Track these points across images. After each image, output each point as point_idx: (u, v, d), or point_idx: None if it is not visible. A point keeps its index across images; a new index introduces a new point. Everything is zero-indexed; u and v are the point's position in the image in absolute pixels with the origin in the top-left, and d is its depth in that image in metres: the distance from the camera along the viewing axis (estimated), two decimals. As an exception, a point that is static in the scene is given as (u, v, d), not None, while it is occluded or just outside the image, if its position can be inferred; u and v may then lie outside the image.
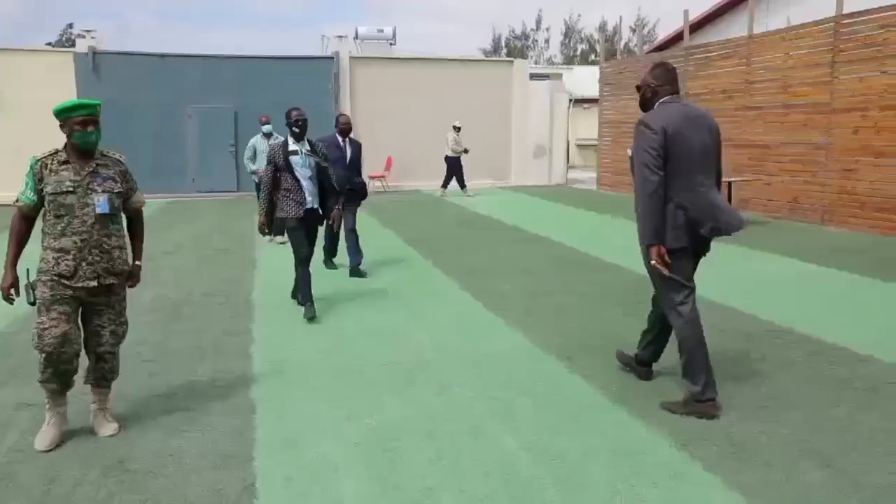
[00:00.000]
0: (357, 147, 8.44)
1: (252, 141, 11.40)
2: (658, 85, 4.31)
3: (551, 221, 13.07)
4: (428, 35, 72.93)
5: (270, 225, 6.57)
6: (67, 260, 3.80)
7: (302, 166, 6.43)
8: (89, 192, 3.85)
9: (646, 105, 4.38)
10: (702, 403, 4.15)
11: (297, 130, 6.43)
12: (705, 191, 4.17)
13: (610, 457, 3.68)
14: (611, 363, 5.04)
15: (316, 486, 3.43)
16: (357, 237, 8.43)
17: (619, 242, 10.27)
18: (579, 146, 29.78)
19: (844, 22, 11.50)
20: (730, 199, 12.13)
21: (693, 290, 4.27)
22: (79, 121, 3.81)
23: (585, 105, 28.47)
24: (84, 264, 3.82)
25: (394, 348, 5.60)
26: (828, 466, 3.51)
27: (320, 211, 6.65)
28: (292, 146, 6.45)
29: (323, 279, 6.22)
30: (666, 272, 4.11)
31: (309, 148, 6.53)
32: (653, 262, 4.10)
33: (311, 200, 6.47)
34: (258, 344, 5.77)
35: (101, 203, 3.87)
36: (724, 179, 11.99)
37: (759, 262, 8.96)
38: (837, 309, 6.57)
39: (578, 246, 10.19)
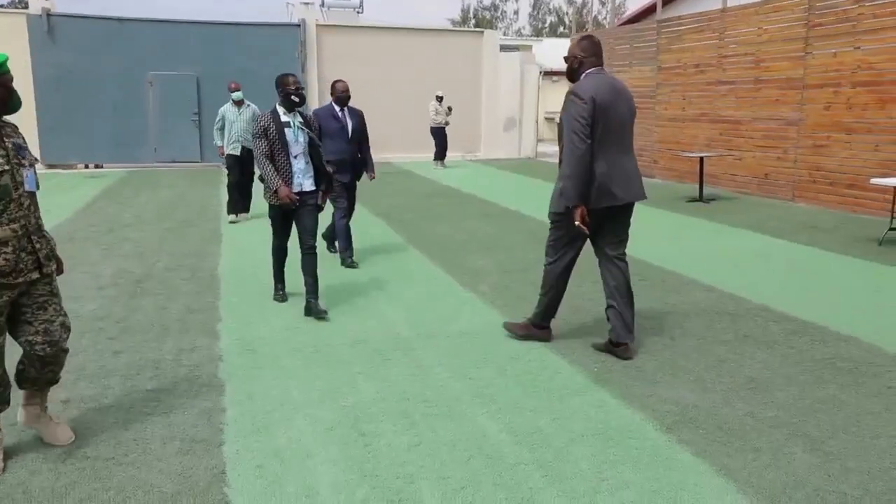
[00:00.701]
0: (358, 117, 7.49)
1: (221, 110, 10.27)
2: (585, 56, 4.55)
3: (522, 195, 12.93)
4: (395, 3, 71.91)
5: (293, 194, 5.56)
6: (6, 253, 3.16)
7: (294, 142, 5.57)
8: (17, 167, 3.22)
9: (572, 75, 4.62)
10: (539, 329, 4.93)
11: (297, 99, 5.55)
12: (621, 159, 4.49)
13: (594, 440, 3.56)
14: (589, 342, 4.95)
15: (290, 473, 3.26)
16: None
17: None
18: (548, 119, 29.61)
19: (819, -4, 11.42)
20: (701, 175, 12.13)
21: (577, 252, 4.74)
22: (9, 78, 3.17)
23: (554, 78, 28.28)
24: (24, 255, 3.23)
25: (366, 326, 5.43)
26: (816, 450, 3.43)
27: (316, 192, 5.75)
28: (284, 117, 5.57)
29: (292, 254, 5.98)
30: (585, 230, 4.46)
31: (302, 120, 5.69)
32: (576, 222, 4.40)
33: (299, 182, 5.63)
34: (225, 321, 5.56)
35: (29, 178, 3.26)
36: (695, 155, 12.13)
37: (731, 237, 8.92)
38: (811, 286, 6.53)
39: (551, 220, 10.06)
